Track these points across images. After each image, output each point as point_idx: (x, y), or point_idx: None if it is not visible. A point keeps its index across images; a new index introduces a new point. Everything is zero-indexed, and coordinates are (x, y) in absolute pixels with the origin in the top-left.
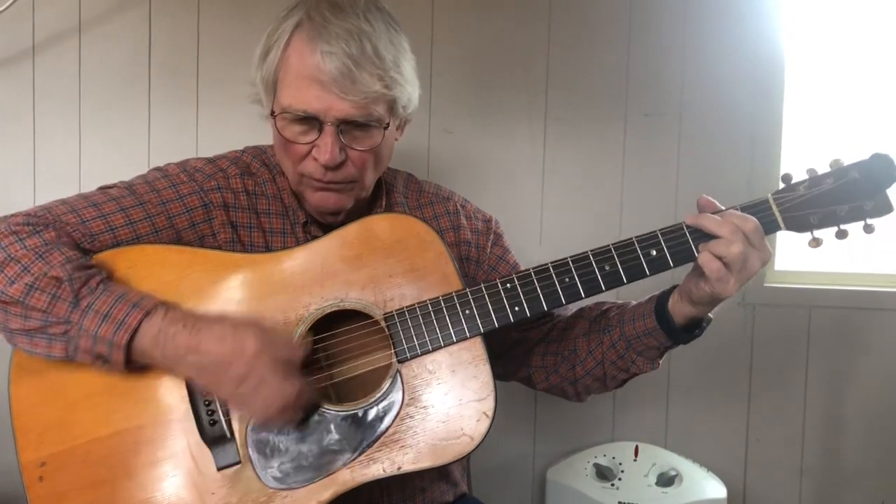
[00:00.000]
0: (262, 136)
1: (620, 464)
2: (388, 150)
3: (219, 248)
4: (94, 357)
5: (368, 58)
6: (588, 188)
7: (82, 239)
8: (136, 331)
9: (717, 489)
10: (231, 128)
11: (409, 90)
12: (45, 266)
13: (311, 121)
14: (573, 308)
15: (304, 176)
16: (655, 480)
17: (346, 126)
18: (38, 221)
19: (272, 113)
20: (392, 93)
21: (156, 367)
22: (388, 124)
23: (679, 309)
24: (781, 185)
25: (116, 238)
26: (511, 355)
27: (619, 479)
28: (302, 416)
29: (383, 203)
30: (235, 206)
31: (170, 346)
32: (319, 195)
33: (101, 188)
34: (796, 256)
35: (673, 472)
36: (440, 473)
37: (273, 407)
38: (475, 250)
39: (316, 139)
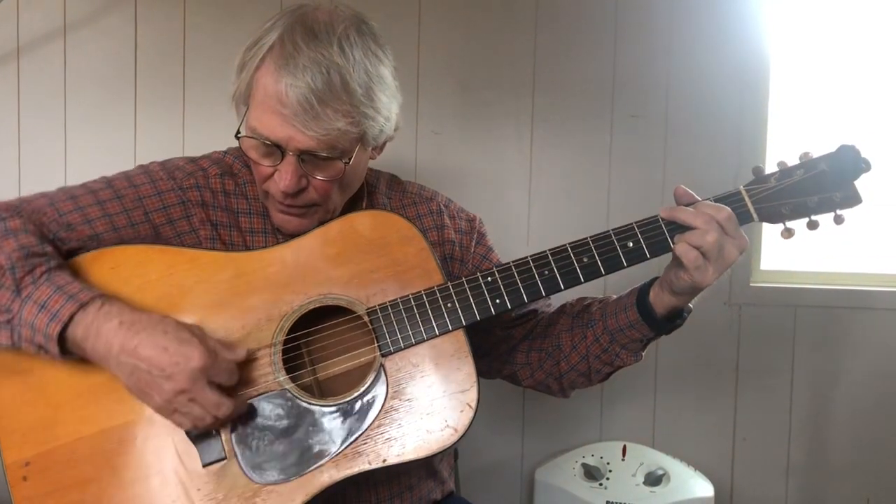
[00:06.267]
0: None
1: (608, 463)
2: (356, 173)
3: (201, 245)
4: (36, 347)
5: (335, 93)
6: (575, 189)
7: (59, 230)
8: (68, 322)
9: (705, 488)
10: (217, 129)
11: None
12: None
13: (274, 146)
14: (556, 305)
15: (268, 195)
16: (643, 480)
17: (308, 156)
18: (7, 207)
19: (237, 134)
20: (359, 129)
21: (88, 360)
22: (349, 159)
23: (660, 300)
24: (752, 177)
25: (93, 229)
26: (495, 353)
27: (607, 478)
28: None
29: (364, 205)
30: (214, 205)
31: (100, 342)
32: (281, 217)
33: (83, 183)
34: (782, 256)
35: (660, 472)
36: (428, 471)
37: (203, 423)
38: (459, 249)
39: (278, 164)
